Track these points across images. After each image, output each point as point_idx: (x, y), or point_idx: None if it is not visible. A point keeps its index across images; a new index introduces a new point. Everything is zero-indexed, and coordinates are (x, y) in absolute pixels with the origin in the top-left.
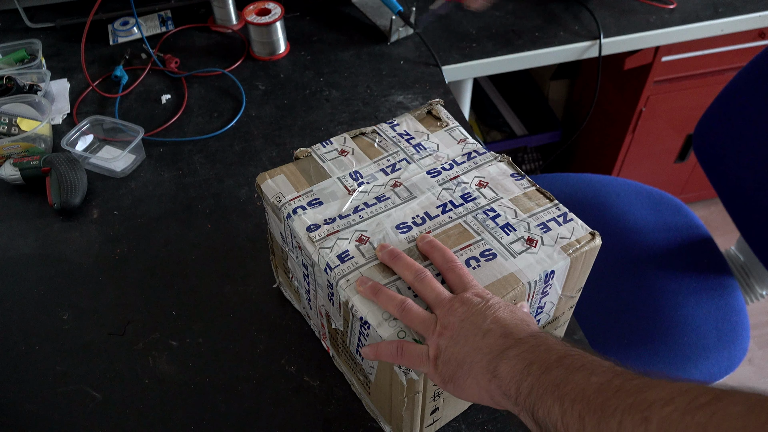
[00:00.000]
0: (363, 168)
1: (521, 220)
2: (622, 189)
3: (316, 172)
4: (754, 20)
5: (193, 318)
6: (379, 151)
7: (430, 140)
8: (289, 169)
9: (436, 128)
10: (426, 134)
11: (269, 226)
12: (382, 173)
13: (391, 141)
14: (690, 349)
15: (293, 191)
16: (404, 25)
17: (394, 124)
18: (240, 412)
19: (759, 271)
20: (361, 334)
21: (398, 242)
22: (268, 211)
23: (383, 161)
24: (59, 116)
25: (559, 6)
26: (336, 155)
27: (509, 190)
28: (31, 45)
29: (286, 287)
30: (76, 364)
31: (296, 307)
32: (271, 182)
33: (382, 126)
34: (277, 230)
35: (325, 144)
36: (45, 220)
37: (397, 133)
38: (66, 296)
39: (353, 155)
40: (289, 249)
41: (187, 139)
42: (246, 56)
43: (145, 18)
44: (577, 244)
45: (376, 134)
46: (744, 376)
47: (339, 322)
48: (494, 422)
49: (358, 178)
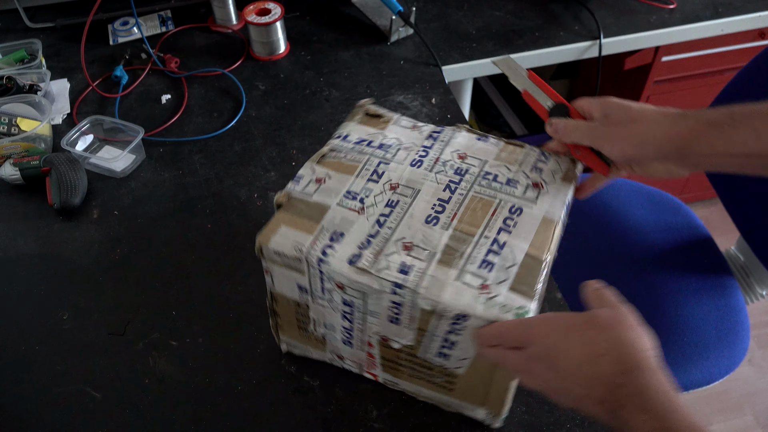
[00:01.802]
0: (351, 185)
1: (516, 172)
2: (622, 189)
3: (313, 209)
4: (754, 20)
5: (193, 318)
6: (352, 165)
7: (388, 137)
8: (284, 218)
9: (384, 124)
10: (380, 133)
11: (273, 288)
12: (372, 183)
13: (355, 152)
14: (690, 349)
15: (308, 235)
16: (404, 25)
17: (344, 136)
18: (240, 412)
19: (759, 271)
20: (450, 332)
21: (437, 233)
22: (276, 270)
23: (364, 172)
24: (59, 116)
25: (559, 6)
26: (316, 186)
27: (487, 151)
28: (31, 45)
29: (301, 342)
30: (76, 364)
31: (316, 357)
32: (278, 238)
33: (335, 142)
34: (292, 286)
35: (297, 181)
36: (45, 220)
37: (354, 143)
38: (66, 296)
39: (332, 179)
40: (318, 297)
41: (187, 139)
42: (246, 56)
43: (145, 18)
44: (570, 171)
45: (335, 152)
46: (744, 376)
47: (409, 337)
48: None
49: (355, 196)
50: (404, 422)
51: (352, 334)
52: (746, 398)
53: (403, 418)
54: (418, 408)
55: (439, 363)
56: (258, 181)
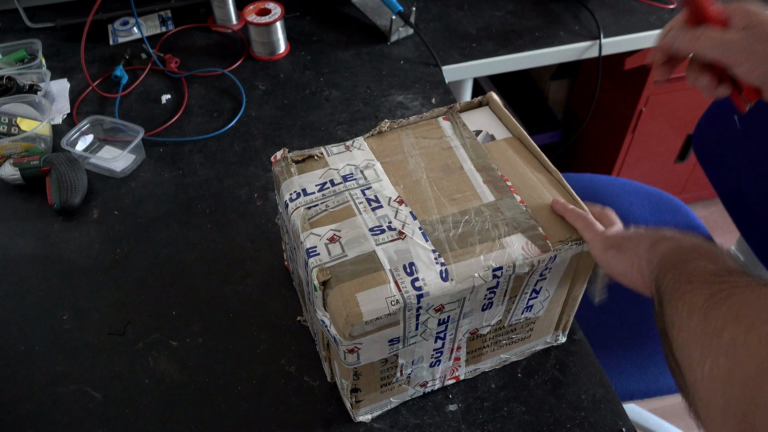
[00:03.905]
0: (367, 222)
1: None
2: (622, 189)
3: (363, 262)
4: None
5: (193, 318)
6: (345, 208)
7: (340, 168)
8: (348, 288)
9: (322, 160)
10: (329, 170)
11: (358, 364)
12: (379, 209)
13: (331, 197)
14: None
15: (386, 285)
16: (404, 25)
17: (300, 192)
18: (240, 412)
19: (759, 271)
20: (541, 279)
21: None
22: (366, 341)
23: (362, 206)
24: (59, 116)
25: (559, 6)
26: (337, 245)
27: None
28: (31, 45)
29: (382, 399)
30: (76, 364)
31: (396, 403)
32: (365, 307)
33: (300, 201)
34: (383, 346)
35: (316, 254)
36: (45, 220)
37: (319, 192)
38: (66, 296)
39: (343, 230)
40: (409, 339)
41: (187, 139)
42: (246, 56)
43: (145, 18)
44: None
45: (313, 208)
46: None
47: (500, 313)
48: (494, 422)
49: (381, 229)
50: (404, 422)
51: (442, 351)
52: None
53: (403, 418)
54: (418, 408)
55: (524, 318)
56: (258, 181)
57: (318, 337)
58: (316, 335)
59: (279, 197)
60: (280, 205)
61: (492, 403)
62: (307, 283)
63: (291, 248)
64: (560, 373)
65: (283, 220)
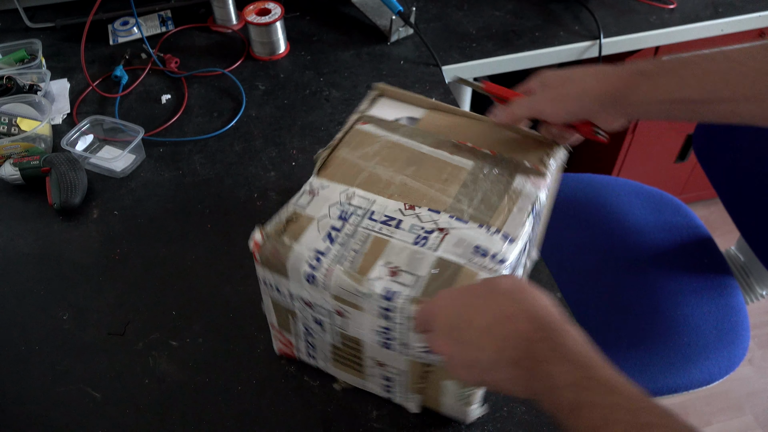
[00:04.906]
0: (401, 238)
1: None
2: (622, 189)
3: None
4: (754, 20)
5: (193, 318)
6: (377, 241)
7: (331, 211)
8: None
9: (308, 221)
10: (326, 215)
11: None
12: (401, 231)
13: (348, 238)
14: (690, 349)
15: None
16: (404, 25)
17: (317, 255)
18: (240, 412)
19: (759, 271)
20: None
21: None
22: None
23: (386, 229)
24: (59, 116)
25: (559, 6)
26: (390, 278)
27: None
28: (31, 45)
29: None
30: (76, 364)
31: None
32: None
33: (322, 261)
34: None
35: (389, 296)
36: (45, 220)
37: (330, 238)
38: (66, 296)
39: (395, 264)
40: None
41: (187, 139)
42: (246, 56)
43: (145, 18)
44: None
45: (347, 255)
46: (744, 376)
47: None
48: (494, 422)
49: (418, 236)
50: (404, 422)
51: None
52: (746, 398)
53: (402, 418)
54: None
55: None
56: (258, 181)
57: (407, 378)
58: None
59: (289, 278)
60: (295, 282)
61: (492, 403)
62: (384, 332)
63: (326, 320)
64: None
65: (300, 297)
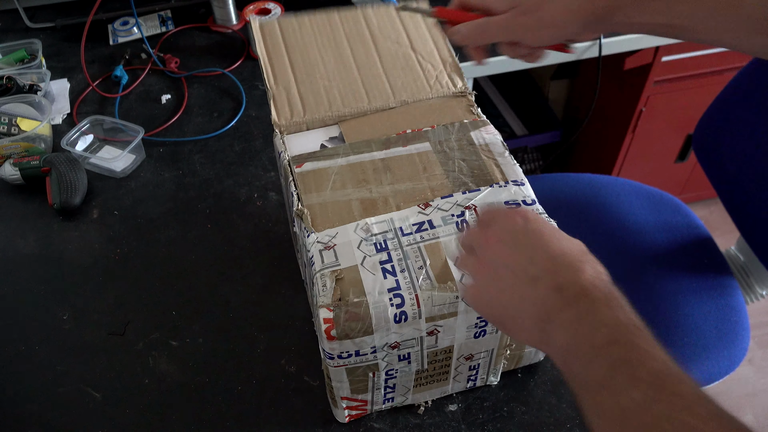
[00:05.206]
0: (444, 229)
1: None
2: (622, 189)
3: None
4: None
5: (193, 318)
6: (431, 246)
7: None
8: None
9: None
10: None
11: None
12: (439, 224)
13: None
14: (690, 349)
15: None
16: None
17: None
18: (240, 412)
19: (759, 271)
20: None
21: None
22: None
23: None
24: (59, 116)
25: None
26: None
27: None
28: (31, 45)
29: None
30: (76, 364)
31: None
32: None
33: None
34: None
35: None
36: (45, 220)
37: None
38: (66, 296)
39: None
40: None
41: (187, 139)
42: (246, 56)
43: (145, 18)
44: None
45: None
46: (744, 376)
47: None
48: (494, 422)
49: (453, 216)
50: (404, 422)
51: None
52: (746, 398)
53: (403, 418)
54: (417, 408)
55: None
56: (258, 181)
57: (493, 353)
58: None
59: (375, 332)
60: (381, 332)
61: (492, 403)
62: (481, 321)
63: (414, 349)
64: (560, 372)
65: (385, 345)
